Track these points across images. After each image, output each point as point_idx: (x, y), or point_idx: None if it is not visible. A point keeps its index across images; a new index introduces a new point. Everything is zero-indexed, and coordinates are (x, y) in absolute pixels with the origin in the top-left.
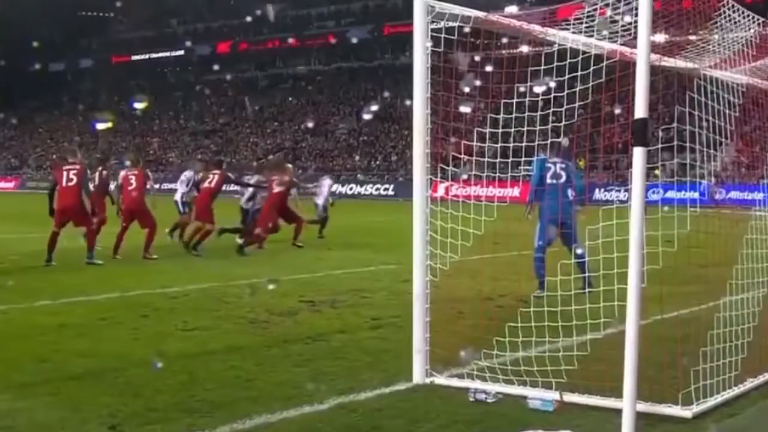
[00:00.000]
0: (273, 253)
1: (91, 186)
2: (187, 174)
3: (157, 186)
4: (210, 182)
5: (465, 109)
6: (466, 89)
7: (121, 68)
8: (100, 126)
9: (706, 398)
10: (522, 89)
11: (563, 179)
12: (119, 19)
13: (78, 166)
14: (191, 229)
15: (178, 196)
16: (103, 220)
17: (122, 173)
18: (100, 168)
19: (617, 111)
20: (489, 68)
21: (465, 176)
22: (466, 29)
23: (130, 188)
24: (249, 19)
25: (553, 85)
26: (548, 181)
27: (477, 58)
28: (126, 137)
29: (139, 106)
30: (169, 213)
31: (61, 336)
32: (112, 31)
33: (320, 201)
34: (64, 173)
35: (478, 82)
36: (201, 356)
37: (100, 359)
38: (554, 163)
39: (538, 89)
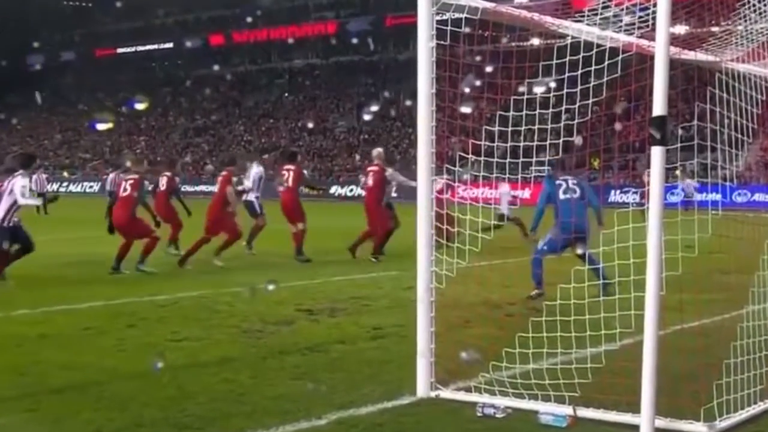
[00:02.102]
0: (268, 259)
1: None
2: (257, 170)
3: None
4: (287, 180)
5: (472, 106)
6: (474, 85)
7: (105, 62)
8: (101, 126)
9: (730, 414)
10: (533, 85)
11: (577, 194)
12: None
13: (135, 176)
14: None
15: (252, 197)
16: (179, 223)
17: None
18: (170, 173)
19: (632, 108)
20: (497, 63)
21: (466, 176)
22: (472, 23)
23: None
24: (243, 10)
25: (561, 81)
26: (562, 197)
27: (484, 53)
28: (111, 135)
29: (139, 106)
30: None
31: (41, 347)
32: (96, 22)
33: (505, 210)
34: (122, 183)
35: (485, 78)
36: (191, 368)
37: (83, 372)
38: (565, 180)
39: (550, 85)
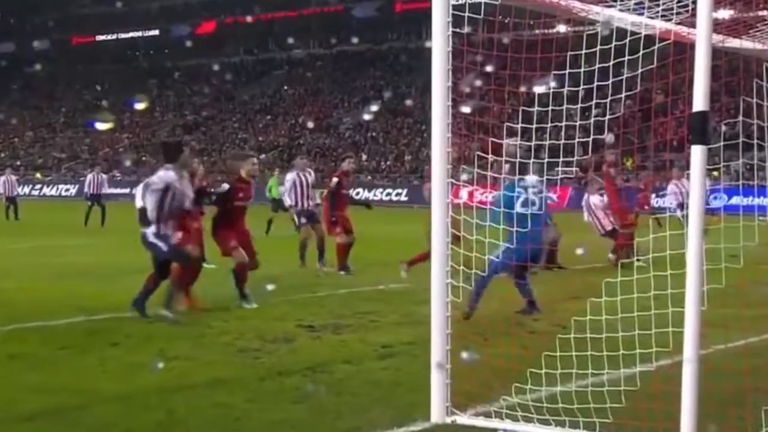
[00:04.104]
0: (266, 268)
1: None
2: (292, 176)
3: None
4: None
5: (490, 101)
6: (494, 78)
7: (83, 51)
8: (100, 126)
9: None
10: (559, 77)
11: (537, 207)
12: None
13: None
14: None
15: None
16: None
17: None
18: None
19: (670, 102)
20: (520, 53)
21: (465, 176)
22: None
23: None
24: None
25: (590, 73)
26: (519, 209)
27: (505, 41)
28: (90, 133)
29: (139, 106)
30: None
31: (11, 369)
32: (73, 7)
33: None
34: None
35: (507, 70)
36: (181, 391)
37: (59, 395)
38: (526, 188)
39: (578, 77)
